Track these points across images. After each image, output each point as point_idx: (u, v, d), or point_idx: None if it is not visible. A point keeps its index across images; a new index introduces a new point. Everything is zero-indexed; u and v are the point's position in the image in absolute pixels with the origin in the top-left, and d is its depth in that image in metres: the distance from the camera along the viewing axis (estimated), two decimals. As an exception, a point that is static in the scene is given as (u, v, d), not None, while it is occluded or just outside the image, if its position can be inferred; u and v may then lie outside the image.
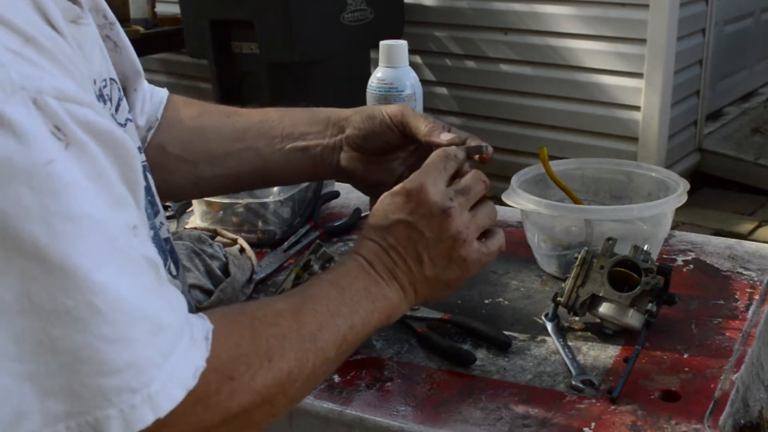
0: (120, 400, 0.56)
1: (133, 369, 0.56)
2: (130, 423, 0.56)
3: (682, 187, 1.16)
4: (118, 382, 0.56)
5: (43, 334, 0.54)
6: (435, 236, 0.81)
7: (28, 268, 0.54)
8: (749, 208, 3.74)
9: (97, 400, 0.55)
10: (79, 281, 0.55)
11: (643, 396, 0.90)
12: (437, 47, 3.99)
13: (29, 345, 0.54)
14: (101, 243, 0.57)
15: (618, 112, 3.63)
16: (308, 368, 0.70)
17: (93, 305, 0.55)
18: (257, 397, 0.66)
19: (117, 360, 0.56)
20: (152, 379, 0.57)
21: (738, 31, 4.28)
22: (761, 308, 1.09)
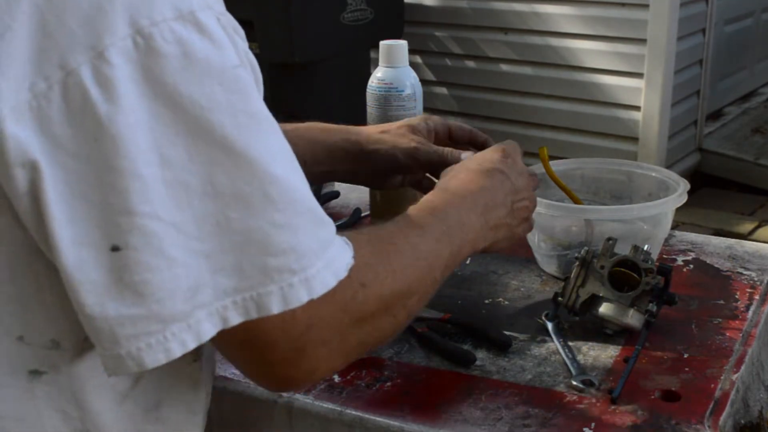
0: (281, 278, 0.62)
1: (295, 253, 0.63)
2: (288, 300, 0.63)
3: (682, 187, 1.16)
4: (280, 263, 0.62)
5: (222, 216, 0.60)
6: (521, 190, 0.94)
7: (214, 156, 0.60)
8: (749, 208, 3.74)
9: (261, 277, 0.62)
10: (257, 170, 0.61)
11: (643, 396, 0.90)
12: (437, 47, 3.99)
13: (208, 226, 0.60)
14: (276, 140, 0.64)
15: (618, 112, 3.63)
16: (423, 285, 0.77)
17: (267, 193, 0.62)
18: (383, 305, 0.72)
19: (282, 243, 0.62)
20: (310, 264, 0.64)
21: (738, 31, 4.28)
22: (761, 308, 1.09)
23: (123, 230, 0.59)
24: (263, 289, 0.62)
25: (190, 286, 0.60)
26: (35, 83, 0.58)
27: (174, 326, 0.60)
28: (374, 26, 3.54)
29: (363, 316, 0.70)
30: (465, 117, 4.02)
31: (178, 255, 0.60)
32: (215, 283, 0.61)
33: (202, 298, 0.61)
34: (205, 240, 0.61)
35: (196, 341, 0.61)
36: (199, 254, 0.61)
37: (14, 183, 0.59)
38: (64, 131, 0.58)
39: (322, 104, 3.43)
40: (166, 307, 0.60)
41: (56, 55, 0.58)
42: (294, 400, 0.92)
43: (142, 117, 0.59)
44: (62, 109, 0.58)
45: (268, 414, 0.93)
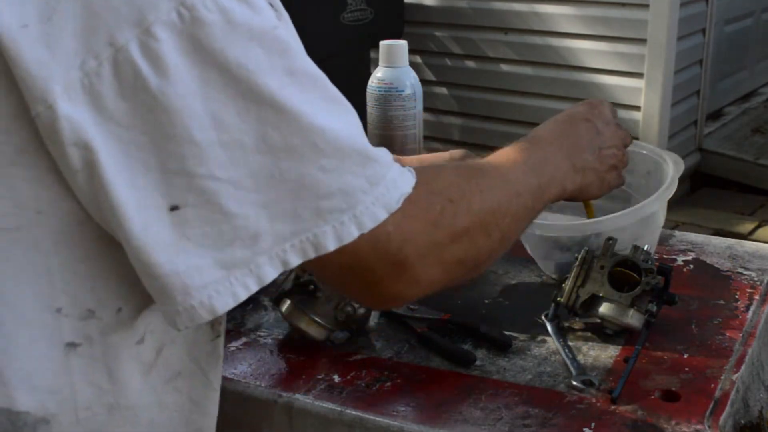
0: (332, 218, 0.66)
1: (343, 194, 0.67)
2: (341, 237, 0.67)
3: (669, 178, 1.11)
4: (331, 204, 0.66)
5: (274, 168, 0.64)
6: (609, 138, 0.97)
7: (264, 114, 0.64)
8: (749, 208, 3.74)
9: (315, 219, 0.66)
10: (303, 123, 0.65)
11: (643, 396, 0.90)
12: (437, 47, 3.99)
13: (263, 178, 0.64)
14: (317, 93, 0.67)
15: (618, 111, 3.62)
16: (514, 207, 0.81)
17: (314, 142, 0.65)
18: (476, 220, 0.76)
19: (331, 186, 0.66)
20: (358, 202, 0.67)
21: (738, 31, 4.28)
22: (761, 308, 1.09)
23: (181, 191, 0.63)
24: (318, 230, 0.66)
25: (250, 235, 0.65)
26: (85, 62, 0.60)
27: (238, 272, 0.65)
28: (374, 26, 3.54)
29: (456, 231, 0.74)
30: (465, 117, 4.02)
31: (236, 208, 0.64)
32: (274, 230, 0.65)
33: (263, 245, 0.65)
34: (261, 192, 0.65)
35: (258, 284, 0.66)
36: (257, 205, 0.65)
37: (69, 160, 0.62)
38: (117, 106, 0.61)
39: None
40: (228, 255, 0.64)
41: (104, 33, 0.60)
42: (294, 400, 0.92)
43: (193, 85, 0.62)
44: (114, 84, 0.61)
45: (268, 414, 0.93)
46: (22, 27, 0.60)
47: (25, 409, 0.68)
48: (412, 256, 0.71)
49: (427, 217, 0.72)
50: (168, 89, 0.61)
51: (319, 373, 0.97)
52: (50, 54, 0.60)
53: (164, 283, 0.64)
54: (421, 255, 0.72)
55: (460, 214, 0.75)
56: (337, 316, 0.99)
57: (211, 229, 0.64)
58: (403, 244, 0.70)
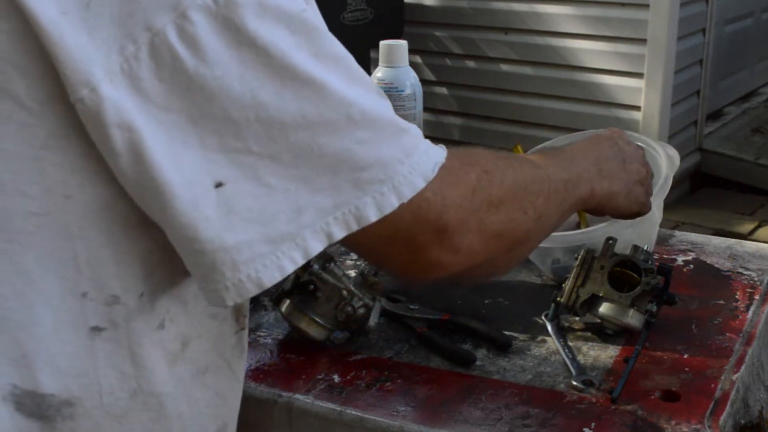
0: (372, 189, 0.68)
1: (381, 164, 0.68)
2: (382, 207, 0.68)
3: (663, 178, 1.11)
4: (369, 176, 0.68)
5: (313, 143, 0.66)
6: (631, 154, 0.98)
7: (299, 91, 0.65)
8: (749, 208, 3.74)
9: (354, 191, 0.68)
10: (337, 97, 0.67)
11: (643, 396, 0.90)
12: (437, 47, 3.99)
13: (302, 153, 0.66)
14: (345, 72, 0.69)
15: (618, 111, 3.63)
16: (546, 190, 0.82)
17: (349, 115, 0.67)
18: (510, 194, 0.78)
19: (368, 158, 0.68)
20: (396, 172, 0.69)
21: (738, 30, 4.28)
22: (761, 308, 1.09)
23: (224, 167, 0.65)
24: (359, 202, 0.68)
25: (293, 209, 0.66)
26: (124, 46, 0.62)
27: (283, 246, 0.66)
28: (374, 26, 3.53)
29: (492, 200, 0.76)
30: (465, 117, 4.02)
31: (277, 183, 0.66)
32: (315, 203, 0.67)
33: (306, 219, 0.67)
34: (301, 166, 0.66)
35: (304, 257, 0.68)
36: (297, 180, 0.66)
37: (112, 143, 0.63)
38: (156, 88, 0.63)
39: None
40: (273, 229, 0.66)
41: (141, 18, 0.62)
42: (294, 400, 0.92)
43: (229, 66, 0.63)
44: (152, 68, 0.62)
45: (268, 414, 0.93)
46: (63, 14, 0.61)
47: (50, 391, 0.69)
48: (453, 221, 0.73)
49: (464, 184, 0.74)
50: (205, 71, 0.63)
51: (319, 373, 0.97)
52: (90, 40, 0.62)
53: (213, 259, 0.66)
54: (461, 221, 0.73)
55: (495, 185, 0.77)
56: (337, 316, 0.99)
57: (255, 204, 0.66)
58: (443, 210, 0.72)
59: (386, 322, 1.06)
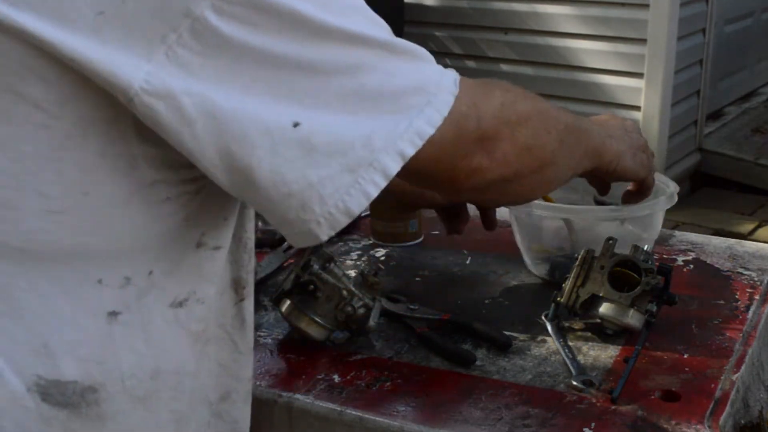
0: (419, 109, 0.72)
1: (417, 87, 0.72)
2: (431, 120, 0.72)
3: (672, 188, 1.14)
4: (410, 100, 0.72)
5: (357, 85, 0.70)
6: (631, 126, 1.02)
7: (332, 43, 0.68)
8: (749, 208, 3.74)
9: (407, 112, 0.71)
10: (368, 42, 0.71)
11: (643, 396, 0.90)
12: (437, 47, 3.99)
13: (350, 96, 0.69)
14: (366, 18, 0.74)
15: (618, 111, 3.63)
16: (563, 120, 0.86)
17: (382, 54, 0.71)
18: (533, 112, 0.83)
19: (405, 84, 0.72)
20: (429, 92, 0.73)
21: (738, 30, 4.28)
22: (761, 308, 1.09)
23: (294, 109, 0.67)
24: (414, 119, 0.71)
25: (364, 136, 0.69)
26: (166, 35, 0.63)
27: (362, 171, 0.70)
28: (374, 26, 3.53)
29: (520, 113, 0.81)
30: (465, 117, 4.01)
31: (343, 119, 0.69)
32: (381, 128, 0.70)
33: (378, 144, 0.70)
34: (351, 104, 0.69)
35: (385, 179, 0.71)
36: (358, 114, 0.69)
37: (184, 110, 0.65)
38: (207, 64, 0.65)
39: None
40: (352, 158, 0.69)
41: (178, 6, 0.63)
42: (294, 400, 0.92)
43: (277, 34, 0.66)
44: (198, 49, 0.64)
45: (268, 414, 0.93)
46: (98, 14, 0.63)
47: (73, 378, 0.70)
48: (489, 129, 0.78)
49: (492, 98, 0.79)
50: (250, 39, 0.65)
51: (319, 373, 0.97)
52: (129, 34, 0.63)
53: (302, 197, 0.69)
54: (495, 129, 0.78)
55: (519, 102, 0.82)
56: (337, 316, 0.99)
57: (331, 137, 0.68)
58: (479, 121, 0.77)
59: (386, 322, 1.06)
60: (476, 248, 1.29)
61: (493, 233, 1.17)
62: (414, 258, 1.27)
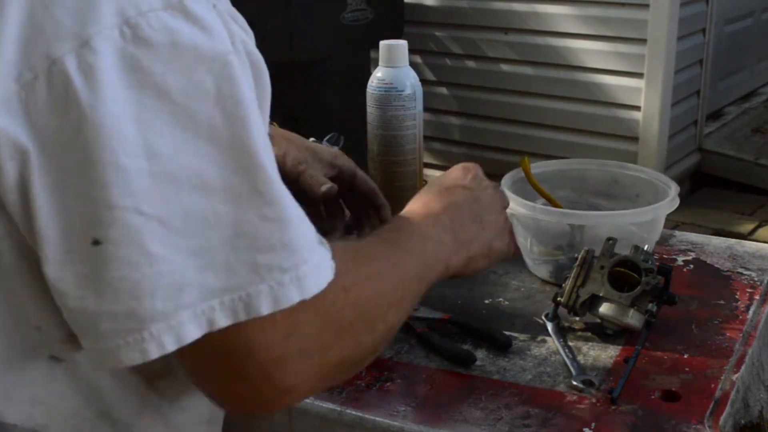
0: (271, 276, 0.60)
1: (286, 250, 0.61)
2: (278, 300, 0.60)
3: (673, 191, 1.15)
4: (271, 260, 0.60)
5: (210, 210, 0.59)
6: (488, 203, 0.92)
7: (203, 147, 0.59)
8: (749, 208, 3.74)
9: (250, 275, 0.60)
10: (246, 160, 0.60)
11: (643, 396, 0.90)
12: (437, 47, 3.99)
13: (196, 220, 0.59)
14: (262, 132, 0.62)
15: (618, 111, 3.63)
16: (399, 296, 0.74)
17: (256, 185, 0.60)
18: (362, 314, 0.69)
19: (272, 238, 0.60)
20: (303, 261, 0.62)
21: (738, 30, 4.28)
22: (762, 308, 1.09)
23: (104, 224, 0.57)
24: (252, 289, 0.60)
25: (174, 285, 0.58)
26: (22, 74, 0.58)
27: (153, 326, 0.58)
28: (374, 26, 3.53)
29: (342, 325, 0.67)
30: (465, 117, 4.01)
31: (162, 251, 0.58)
32: (202, 282, 0.59)
33: (188, 299, 0.59)
34: (193, 236, 0.59)
35: (176, 343, 0.59)
36: (186, 251, 0.59)
37: (5, 177, 0.58)
38: (49, 121, 0.58)
39: (322, 104, 3.43)
40: (146, 306, 0.58)
41: (43, 45, 0.58)
42: (294, 400, 0.92)
43: (127, 107, 0.58)
44: (47, 98, 0.58)
45: (268, 414, 0.93)
46: None
47: (13, 421, 0.67)
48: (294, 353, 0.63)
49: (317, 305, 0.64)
50: (99, 106, 0.57)
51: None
52: None
53: (74, 318, 0.60)
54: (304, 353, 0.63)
55: (349, 306, 0.67)
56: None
57: (130, 273, 0.58)
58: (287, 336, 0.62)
59: (386, 322, 1.06)
60: (476, 248, 1.29)
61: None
62: (414, 258, 1.27)
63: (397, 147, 1.27)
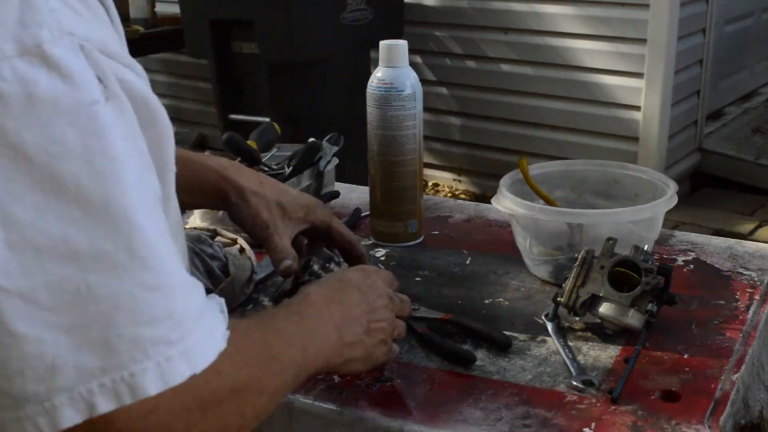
0: (156, 352, 0.55)
1: (171, 320, 0.56)
2: (166, 377, 0.55)
3: (671, 189, 1.15)
4: (155, 333, 0.55)
5: (80, 281, 0.53)
6: (380, 311, 0.89)
7: (68, 211, 0.53)
8: (749, 208, 3.74)
9: (133, 352, 0.54)
10: (119, 222, 0.54)
11: (643, 396, 0.90)
12: (437, 47, 3.99)
13: (65, 294, 0.53)
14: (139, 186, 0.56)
15: (618, 111, 3.63)
16: (274, 385, 0.70)
17: (132, 249, 0.54)
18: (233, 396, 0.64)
19: (155, 309, 0.55)
20: (190, 332, 0.57)
21: (738, 30, 4.28)
22: (762, 308, 1.09)
23: None
24: (136, 367, 0.54)
25: (46, 366, 0.53)
26: None
27: (28, 408, 0.53)
28: (374, 26, 3.53)
29: (210, 403, 0.61)
30: (465, 117, 4.01)
31: (28, 330, 0.52)
32: (78, 362, 0.53)
33: (63, 381, 0.53)
34: (63, 311, 0.53)
35: (52, 428, 0.53)
36: (56, 328, 0.53)
37: None
38: None
39: (322, 104, 3.43)
40: (17, 387, 0.53)
41: None
42: (294, 400, 0.92)
43: None
44: None
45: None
46: None
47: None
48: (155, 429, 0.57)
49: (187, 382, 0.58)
50: None
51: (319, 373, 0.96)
52: None
53: None
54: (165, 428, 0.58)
55: (222, 388, 0.62)
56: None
57: None
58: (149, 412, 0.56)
59: (386, 322, 1.06)
60: (476, 248, 1.29)
61: (493, 233, 1.17)
62: (414, 258, 1.27)
63: (397, 147, 1.27)
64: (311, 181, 1.42)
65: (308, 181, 1.41)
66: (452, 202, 1.52)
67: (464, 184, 4.10)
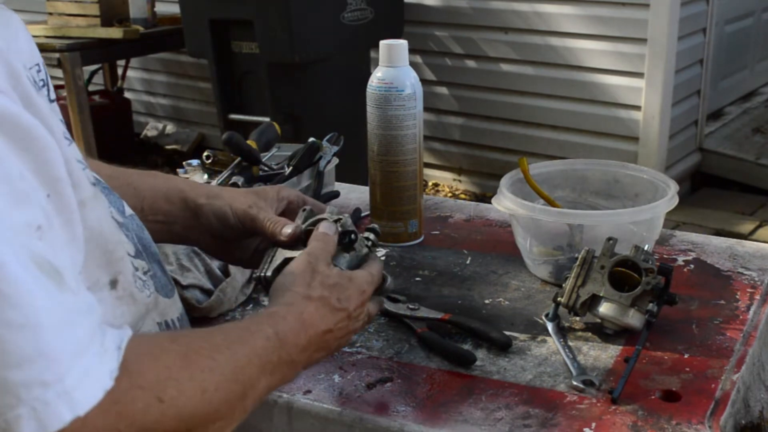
0: (30, 396, 0.49)
1: (45, 359, 0.50)
2: (45, 422, 0.50)
3: (672, 189, 1.15)
4: (25, 375, 0.50)
5: None
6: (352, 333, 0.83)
7: None
8: (750, 208, 3.74)
9: (4, 398, 0.49)
10: None
11: (643, 396, 0.90)
12: (437, 47, 3.99)
13: None
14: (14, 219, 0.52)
15: (618, 111, 3.63)
16: (231, 410, 0.66)
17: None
18: (183, 427, 0.60)
19: (25, 348, 0.50)
20: (67, 371, 0.51)
21: (739, 30, 4.28)
22: (762, 308, 1.09)
23: None
24: (10, 414, 0.49)
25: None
26: None
27: None
28: (374, 26, 3.53)
29: None
30: (465, 117, 4.01)
31: None
32: None
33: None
34: None
35: None
36: None
37: None
38: None
39: (322, 104, 3.43)
40: None
41: None
42: (294, 400, 0.92)
43: None
44: None
45: (268, 414, 0.93)
46: None
47: None
48: None
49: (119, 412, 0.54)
50: None
51: (319, 373, 0.97)
52: None
53: None
54: None
55: (166, 418, 0.58)
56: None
57: None
58: None
59: (386, 322, 1.06)
60: (476, 248, 1.29)
61: (493, 233, 1.17)
62: (414, 258, 1.27)
63: (397, 147, 1.27)
64: (311, 181, 1.42)
65: (308, 181, 1.41)
66: (452, 202, 1.52)
67: (464, 184, 4.10)
